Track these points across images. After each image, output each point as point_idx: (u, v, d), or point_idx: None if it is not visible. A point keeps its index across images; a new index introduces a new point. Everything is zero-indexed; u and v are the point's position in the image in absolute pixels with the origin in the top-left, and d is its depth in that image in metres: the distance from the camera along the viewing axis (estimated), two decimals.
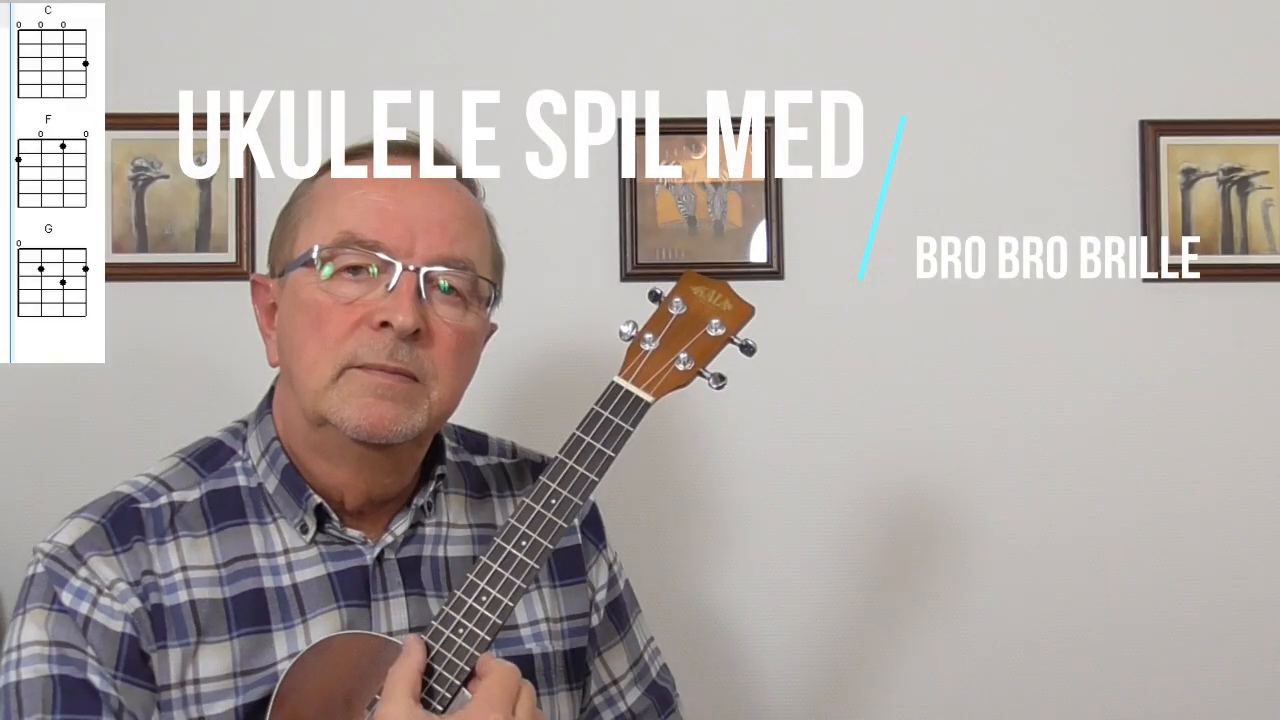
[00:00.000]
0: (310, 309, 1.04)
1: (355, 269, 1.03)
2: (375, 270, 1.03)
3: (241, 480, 1.10)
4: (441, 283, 1.05)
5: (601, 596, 1.22)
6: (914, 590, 1.71)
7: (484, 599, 0.97)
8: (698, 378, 1.03)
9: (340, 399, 1.02)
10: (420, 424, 1.04)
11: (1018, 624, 1.70)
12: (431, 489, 1.13)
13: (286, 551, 1.07)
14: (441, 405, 1.06)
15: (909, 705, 1.70)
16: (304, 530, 1.07)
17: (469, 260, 1.07)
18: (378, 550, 1.09)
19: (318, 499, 1.07)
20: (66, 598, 1.01)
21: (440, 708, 0.96)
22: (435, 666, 0.96)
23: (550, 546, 0.99)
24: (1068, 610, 1.70)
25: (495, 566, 0.98)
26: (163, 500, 1.07)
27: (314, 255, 1.04)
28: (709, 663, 1.68)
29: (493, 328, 1.15)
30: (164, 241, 1.64)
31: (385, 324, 1.01)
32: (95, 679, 0.99)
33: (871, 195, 1.70)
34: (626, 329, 1.04)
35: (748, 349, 1.05)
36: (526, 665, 1.11)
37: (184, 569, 1.04)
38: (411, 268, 1.03)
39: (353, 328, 1.02)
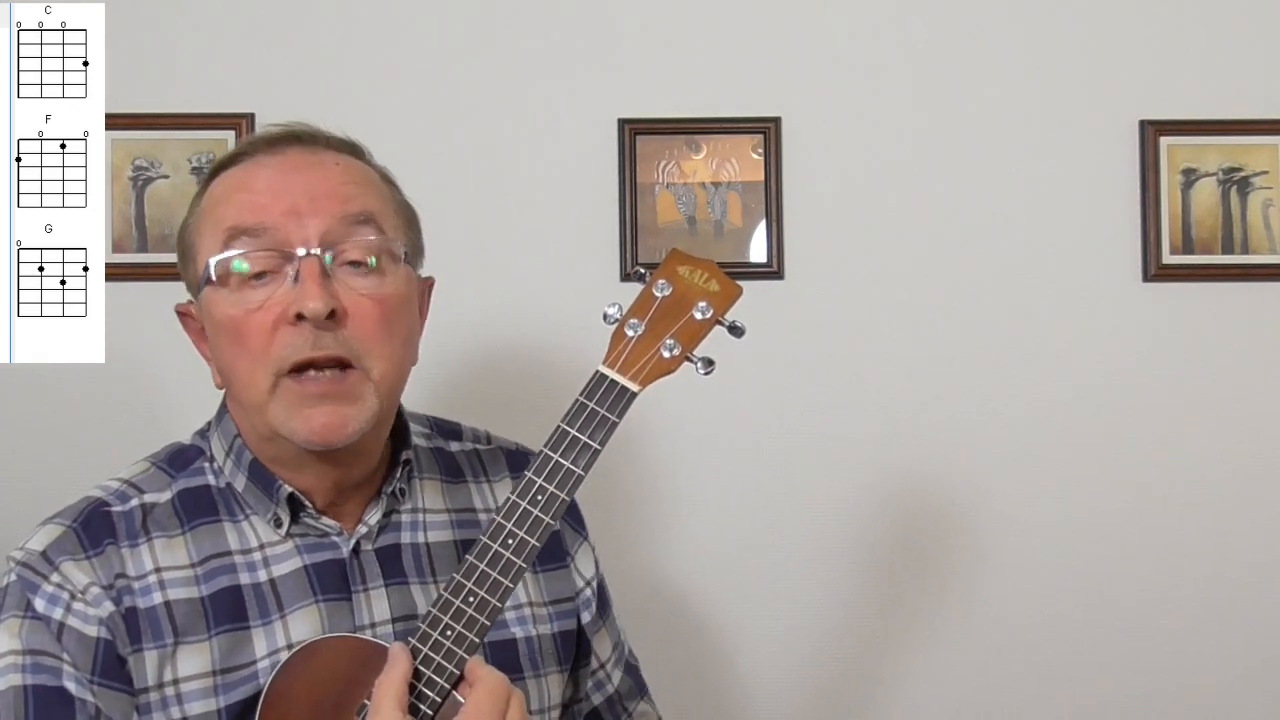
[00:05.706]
0: (227, 326, 1.02)
1: (259, 275, 1.01)
2: (272, 270, 1.01)
3: (211, 480, 1.09)
4: (348, 258, 1.02)
5: (593, 587, 1.21)
6: (914, 588, 1.70)
7: (471, 599, 0.96)
8: (685, 363, 1.00)
9: (282, 413, 1.01)
10: (371, 411, 1.02)
11: (1018, 620, 1.70)
12: (400, 474, 1.11)
13: (262, 547, 1.06)
14: (387, 380, 1.04)
15: (914, 702, 1.70)
16: (278, 524, 1.06)
17: (368, 212, 1.04)
18: (353, 542, 1.08)
19: (289, 488, 1.06)
20: (40, 604, 1.00)
21: (430, 711, 0.95)
22: (423, 670, 0.95)
23: (538, 545, 0.97)
24: (1067, 605, 1.70)
25: (482, 566, 0.96)
26: (134, 502, 1.06)
27: (210, 269, 1.02)
28: (704, 661, 1.68)
29: (428, 282, 1.13)
30: (164, 241, 1.64)
31: (300, 316, 0.99)
32: (71, 685, 0.99)
33: (872, 195, 1.70)
34: (611, 311, 1.01)
35: (736, 330, 1.01)
36: (512, 650, 1.11)
37: (158, 570, 1.03)
38: (308, 252, 1.00)
39: (272, 330, 1.00)
